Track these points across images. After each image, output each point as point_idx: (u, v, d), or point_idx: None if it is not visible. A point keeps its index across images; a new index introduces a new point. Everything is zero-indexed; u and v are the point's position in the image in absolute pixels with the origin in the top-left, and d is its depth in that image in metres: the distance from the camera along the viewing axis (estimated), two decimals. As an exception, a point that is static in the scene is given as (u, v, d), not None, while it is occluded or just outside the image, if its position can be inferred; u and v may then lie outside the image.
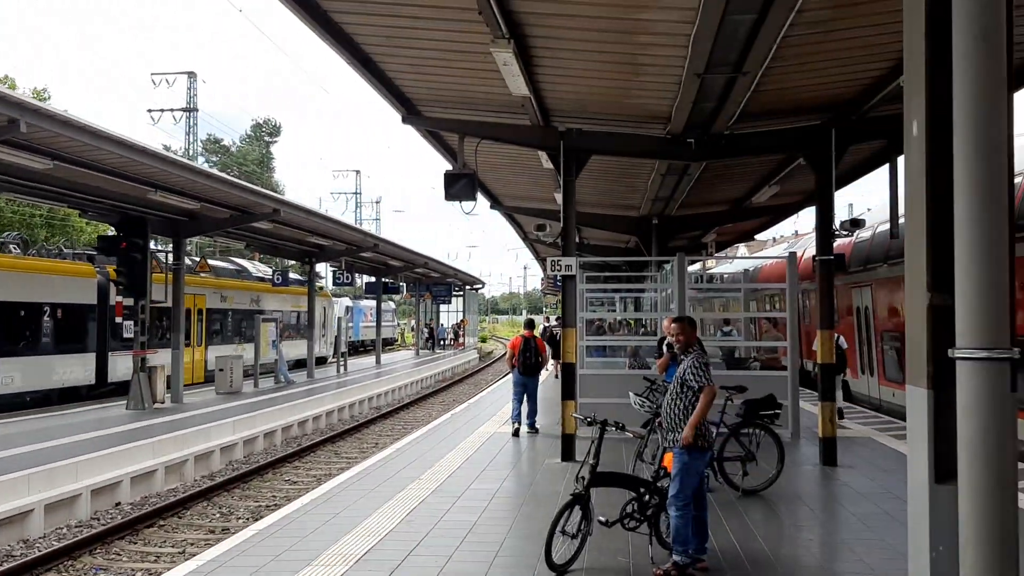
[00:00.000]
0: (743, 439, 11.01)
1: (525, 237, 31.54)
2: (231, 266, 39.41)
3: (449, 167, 14.04)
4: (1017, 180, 14.15)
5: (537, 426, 16.50)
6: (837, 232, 14.92)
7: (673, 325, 8.11)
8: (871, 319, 21.05)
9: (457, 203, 13.40)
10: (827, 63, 10.91)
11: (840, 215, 28.83)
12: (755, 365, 16.60)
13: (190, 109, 61.22)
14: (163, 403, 22.76)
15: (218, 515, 14.16)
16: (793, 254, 16.32)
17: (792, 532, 9.21)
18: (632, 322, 28.14)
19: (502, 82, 10.81)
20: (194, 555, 9.30)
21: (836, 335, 13.90)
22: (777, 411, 11.30)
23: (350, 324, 55.71)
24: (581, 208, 22.70)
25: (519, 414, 16.29)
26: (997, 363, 2.87)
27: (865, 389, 22.41)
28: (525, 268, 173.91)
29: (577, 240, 30.43)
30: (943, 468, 3.10)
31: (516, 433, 16.09)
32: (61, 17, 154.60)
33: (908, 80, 3.47)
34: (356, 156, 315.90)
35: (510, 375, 18.15)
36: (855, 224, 15.75)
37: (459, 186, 13.07)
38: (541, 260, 40.65)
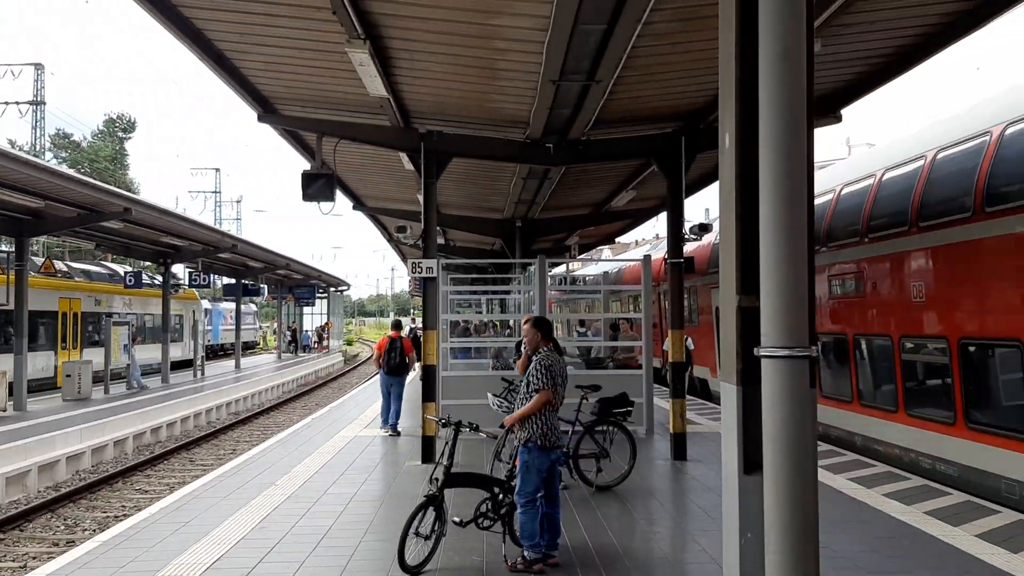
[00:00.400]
0: (597, 436, 11.30)
1: (390, 238, 31.34)
2: (103, 270, 37.79)
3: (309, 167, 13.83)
4: (828, 197, 15.12)
5: (400, 428, 16.45)
6: (687, 236, 15.51)
7: (524, 326, 8.28)
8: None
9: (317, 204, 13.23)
10: (676, 74, 11.33)
11: (700, 219, 29.69)
12: (611, 364, 17.05)
13: (37, 102, 57.99)
14: (4, 411, 21.49)
15: (62, 527, 13.52)
16: (648, 256, 16.85)
17: (642, 526, 9.52)
18: (498, 323, 28.43)
19: (360, 82, 10.75)
20: (34, 568, 8.86)
21: (685, 336, 14.43)
22: (630, 409, 11.64)
23: (208, 327, 53.97)
24: (446, 209, 22.80)
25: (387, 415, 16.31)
26: (798, 360, 3.09)
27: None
28: (392, 270, 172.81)
29: (443, 241, 30.67)
30: (751, 460, 3.32)
31: (395, 432, 16.16)
32: None
33: (722, 95, 3.69)
34: (216, 153, 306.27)
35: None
36: (703, 228, 16.41)
37: (317, 186, 12.90)
38: (407, 262, 40.46)
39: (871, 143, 24.71)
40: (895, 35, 10.40)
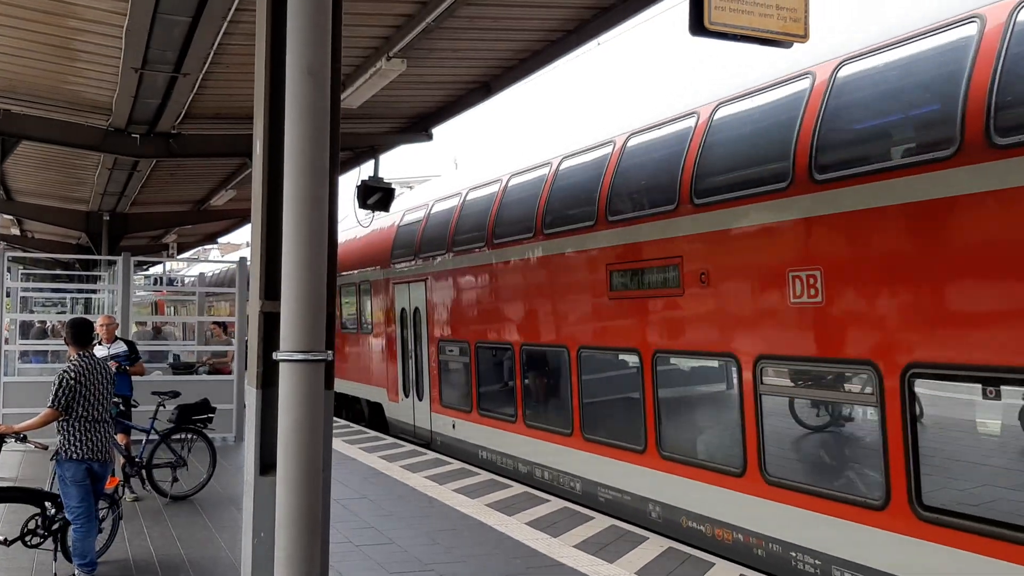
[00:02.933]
0: (175, 445, 10.84)
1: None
2: None
3: None
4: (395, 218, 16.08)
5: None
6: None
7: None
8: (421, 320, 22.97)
9: None
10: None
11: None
12: (203, 370, 16.42)
13: None
14: None
15: None
16: (243, 259, 16.49)
17: (213, 535, 9.28)
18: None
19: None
20: None
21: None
22: (211, 415, 11.30)
23: None
24: (22, 197, 20.53)
25: None
26: (313, 364, 3.23)
27: (406, 416, 23.61)
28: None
29: (18, 232, 27.49)
30: (266, 461, 3.41)
31: None
32: None
33: (256, 104, 3.76)
34: None
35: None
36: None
37: None
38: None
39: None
40: (476, 64, 11.23)
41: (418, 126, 13.95)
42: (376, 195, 13.44)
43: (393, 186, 13.57)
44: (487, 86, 12.01)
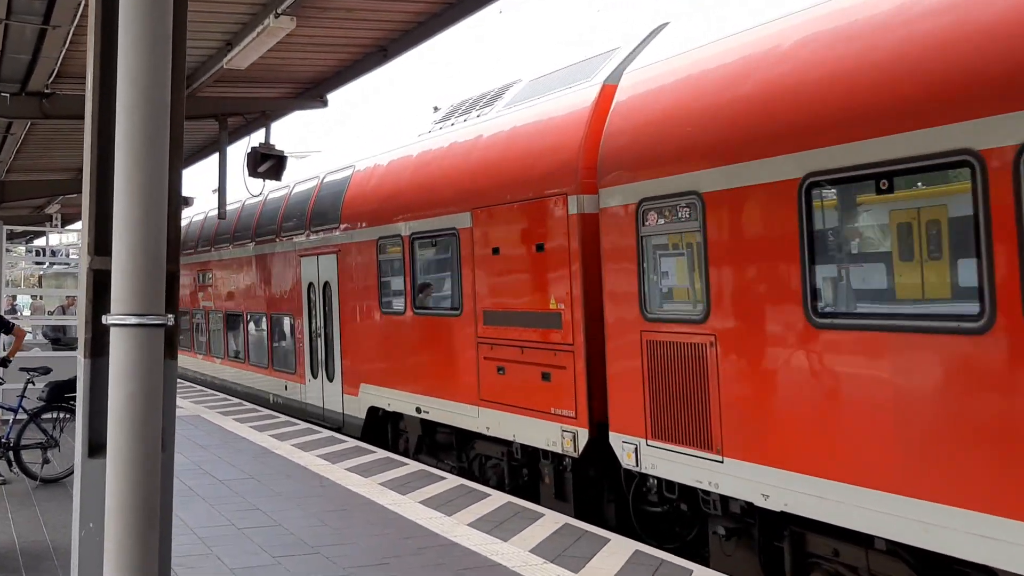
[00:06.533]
0: (45, 425, 10.19)
1: None
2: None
3: None
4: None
5: None
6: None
7: None
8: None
9: None
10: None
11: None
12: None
13: None
14: None
15: None
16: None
17: (86, 519, 8.72)
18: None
19: None
20: None
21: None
22: (86, 392, 10.64)
23: None
24: None
25: None
26: (151, 329, 2.85)
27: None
28: None
29: None
30: (96, 441, 3.03)
31: None
32: None
33: (90, 31, 3.32)
34: None
35: None
36: (183, 202, 15.67)
37: None
38: None
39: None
40: (372, 26, 10.75)
41: (313, 92, 13.39)
42: (268, 163, 12.87)
43: (285, 153, 13.00)
44: (384, 50, 11.53)
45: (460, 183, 11.15)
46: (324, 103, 13.32)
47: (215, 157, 14.29)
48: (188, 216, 21.30)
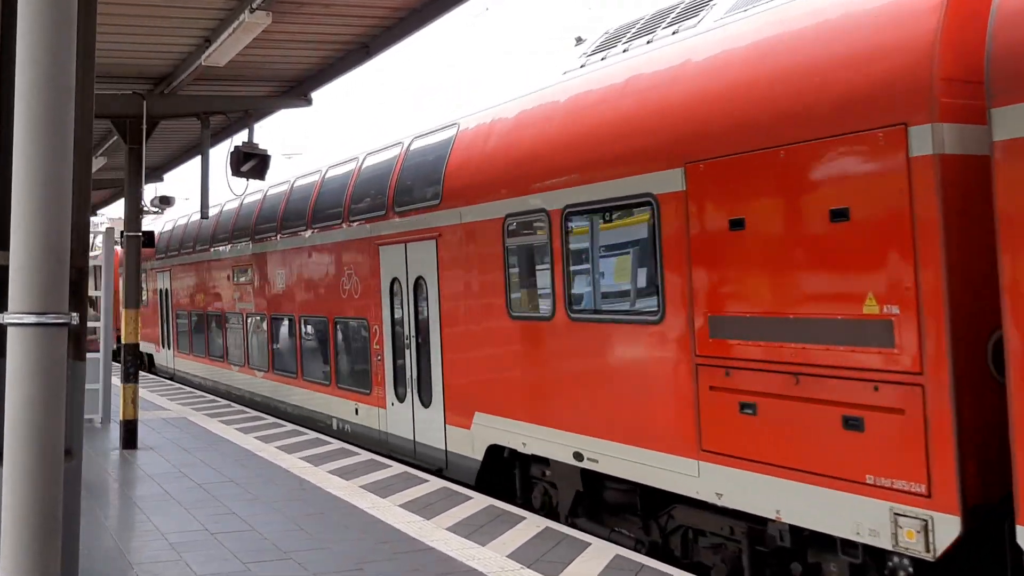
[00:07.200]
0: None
1: None
2: None
3: None
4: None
5: None
6: (146, 209, 14.54)
7: None
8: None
9: None
10: (141, 29, 10.42)
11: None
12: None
13: None
14: None
15: None
16: (111, 230, 15.55)
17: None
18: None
19: None
20: None
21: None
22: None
23: None
24: None
25: None
26: (50, 329, 2.67)
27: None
28: None
29: None
30: (-6, 448, 2.85)
31: None
32: None
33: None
34: None
35: None
36: (164, 201, 15.55)
37: None
38: None
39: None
40: (351, 22, 10.57)
41: (296, 90, 13.23)
42: (251, 162, 12.70)
43: (268, 152, 12.82)
44: (366, 47, 11.37)
45: (659, 128, 7.89)
46: (308, 101, 13.16)
47: (215, 153, 14.17)
48: (218, 205, 17.98)
